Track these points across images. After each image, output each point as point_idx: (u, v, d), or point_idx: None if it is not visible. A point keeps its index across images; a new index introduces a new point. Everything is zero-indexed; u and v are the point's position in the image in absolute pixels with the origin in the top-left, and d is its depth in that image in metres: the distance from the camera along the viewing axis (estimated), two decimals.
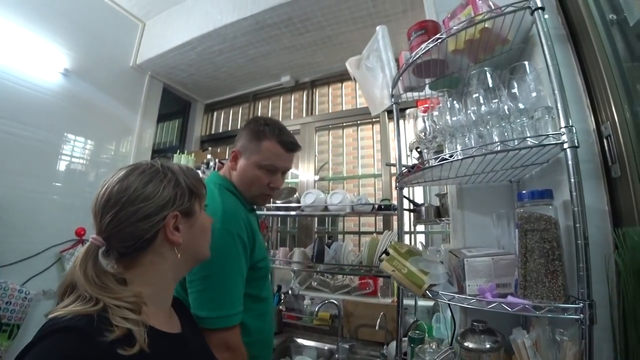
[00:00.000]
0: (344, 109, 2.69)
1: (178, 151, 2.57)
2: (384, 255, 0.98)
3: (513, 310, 0.68)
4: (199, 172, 2.39)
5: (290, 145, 1.05)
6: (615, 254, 0.67)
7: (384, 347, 1.77)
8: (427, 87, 1.17)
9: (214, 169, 2.50)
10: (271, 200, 1.17)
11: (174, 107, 3.22)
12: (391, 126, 2.42)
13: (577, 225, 0.64)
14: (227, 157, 2.83)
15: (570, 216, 0.70)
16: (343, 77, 2.70)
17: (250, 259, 0.93)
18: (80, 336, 0.45)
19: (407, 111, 1.30)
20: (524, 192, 0.76)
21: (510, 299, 0.70)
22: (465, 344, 0.76)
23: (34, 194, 1.91)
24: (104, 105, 2.32)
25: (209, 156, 2.58)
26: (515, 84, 0.83)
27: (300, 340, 2.03)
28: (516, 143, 0.72)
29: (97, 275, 0.54)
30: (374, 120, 2.51)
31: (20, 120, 1.86)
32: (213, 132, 3.32)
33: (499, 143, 0.75)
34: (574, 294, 0.66)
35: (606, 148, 0.76)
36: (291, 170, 2.81)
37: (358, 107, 2.62)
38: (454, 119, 0.94)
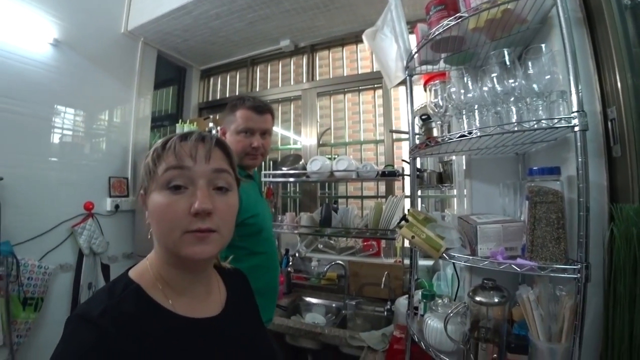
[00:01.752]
0: (345, 74, 2.68)
1: (180, 120, 2.55)
2: (403, 222, 1.07)
3: (522, 270, 0.79)
4: None
5: (259, 108, 1.25)
6: (612, 224, 0.77)
7: (388, 303, 1.95)
8: (441, 62, 1.20)
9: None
10: (261, 160, 1.32)
11: (169, 74, 3.13)
12: (393, 92, 2.45)
13: (581, 199, 0.73)
14: None
15: (573, 189, 0.80)
16: (344, 41, 2.65)
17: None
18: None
19: (413, 77, 1.34)
20: (535, 168, 0.85)
21: (519, 260, 0.81)
22: (477, 298, 0.89)
23: (34, 171, 1.90)
24: (96, 75, 2.26)
25: (210, 124, 2.58)
26: (530, 64, 0.88)
27: (308, 299, 2.19)
28: (532, 124, 0.79)
29: None
30: (375, 86, 2.52)
31: (11, 96, 1.80)
32: (210, 98, 3.27)
33: (516, 123, 0.82)
34: (573, 257, 0.77)
35: (610, 130, 0.84)
36: (293, 136, 2.88)
37: (359, 72, 2.61)
38: (469, 95, 1.00)
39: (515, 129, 0.82)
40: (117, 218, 2.31)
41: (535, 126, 0.79)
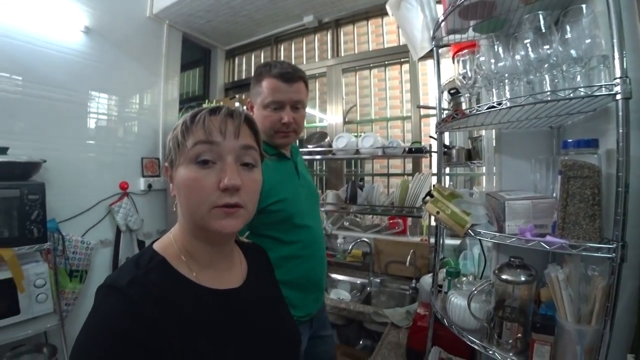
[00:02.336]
0: (370, 49, 2.59)
1: (206, 101, 2.60)
2: (427, 197, 1.05)
3: (551, 248, 0.75)
4: None
5: (287, 75, 1.05)
6: None
7: (413, 281, 1.95)
8: (470, 30, 1.13)
9: None
10: (294, 137, 1.14)
11: (194, 55, 3.16)
12: (421, 66, 2.35)
13: (620, 174, 0.68)
14: None
15: (612, 164, 0.73)
16: (369, 14, 2.55)
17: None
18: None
19: (440, 50, 1.27)
20: (570, 140, 0.79)
21: (548, 238, 0.77)
22: (503, 276, 0.86)
23: (74, 154, 2.02)
24: (126, 60, 2.32)
25: (237, 104, 2.61)
26: (569, 28, 0.80)
27: (334, 275, 2.23)
28: (567, 93, 0.73)
29: None
30: (402, 60, 2.43)
31: (49, 83, 1.90)
32: (236, 78, 3.29)
33: (549, 92, 0.76)
34: (609, 236, 0.72)
35: None
36: (319, 114, 2.85)
37: (385, 46, 2.51)
38: (500, 64, 0.94)
39: (549, 98, 0.76)
40: (150, 197, 2.43)
41: (572, 95, 0.73)
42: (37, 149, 1.80)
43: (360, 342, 1.89)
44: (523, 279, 0.84)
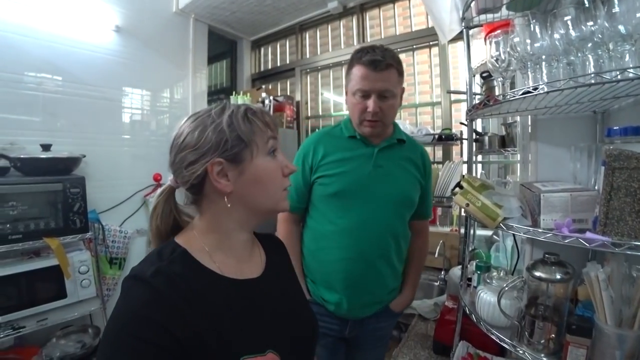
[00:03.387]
0: (397, 33, 2.49)
1: (234, 92, 2.63)
2: (457, 189, 1.00)
3: (591, 245, 0.69)
4: None
5: (375, 63, 1.00)
6: None
7: (442, 273, 1.90)
8: (504, 8, 1.04)
9: (270, 107, 2.56)
10: (382, 127, 1.09)
11: (221, 48, 3.20)
12: (451, 50, 2.23)
13: None
14: (279, 94, 2.86)
15: None
16: None
17: (311, 174, 1.13)
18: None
19: (470, 32, 1.19)
20: (616, 127, 0.72)
21: (588, 234, 0.71)
22: (536, 273, 0.81)
23: (110, 149, 2.14)
24: (155, 56, 2.39)
25: (263, 94, 2.62)
26: (617, 1, 0.72)
27: None
28: (614, 74, 0.66)
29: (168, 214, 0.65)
30: (431, 43, 2.31)
31: (86, 82, 2.01)
32: (262, 69, 3.30)
33: (593, 74, 0.69)
34: None
35: None
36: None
37: (413, 29, 2.40)
38: (536, 45, 0.86)
39: (593, 81, 0.69)
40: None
41: (619, 77, 0.66)
42: (77, 144, 1.92)
43: None
44: (558, 277, 0.79)
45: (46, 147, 1.65)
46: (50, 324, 1.57)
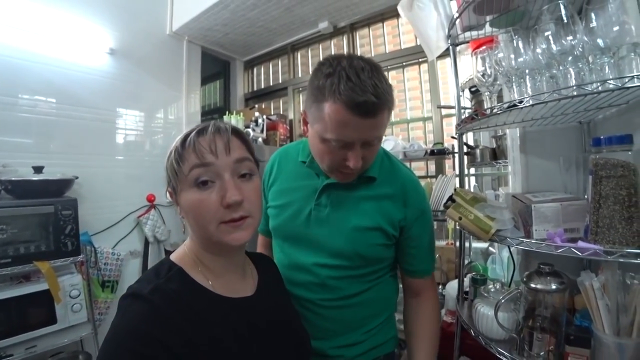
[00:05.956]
0: (387, 51, 2.55)
1: (227, 112, 2.65)
2: (449, 202, 1.01)
3: (583, 254, 0.69)
4: (249, 130, 2.48)
5: (362, 107, 0.65)
6: None
7: (440, 287, 1.87)
8: (487, 25, 1.08)
9: (263, 126, 2.58)
10: (356, 176, 0.81)
11: (214, 68, 3.25)
12: (440, 65, 2.29)
13: None
14: (272, 113, 2.90)
15: None
16: (384, 16, 2.52)
17: (265, 196, 0.95)
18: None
19: (458, 48, 1.23)
20: (601, 137, 0.73)
21: (580, 244, 0.71)
22: (532, 285, 0.81)
23: (104, 169, 2.13)
24: (149, 77, 2.42)
25: (256, 114, 2.65)
26: (594, 16, 0.75)
27: None
28: (595, 86, 0.68)
29: None
30: (420, 60, 2.37)
31: (79, 104, 2.03)
32: (255, 88, 3.35)
33: (575, 87, 0.71)
34: None
35: None
36: None
37: (402, 47, 2.47)
38: (520, 59, 0.89)
39: (575, 93, 0.71)
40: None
41: (600, 88, 0.68)
42: (71, 166, 1.91)
43: None
44: (554, 287, 0.78)
45: (38, 169, 1.64)
46: (39, 351, 1.52)
